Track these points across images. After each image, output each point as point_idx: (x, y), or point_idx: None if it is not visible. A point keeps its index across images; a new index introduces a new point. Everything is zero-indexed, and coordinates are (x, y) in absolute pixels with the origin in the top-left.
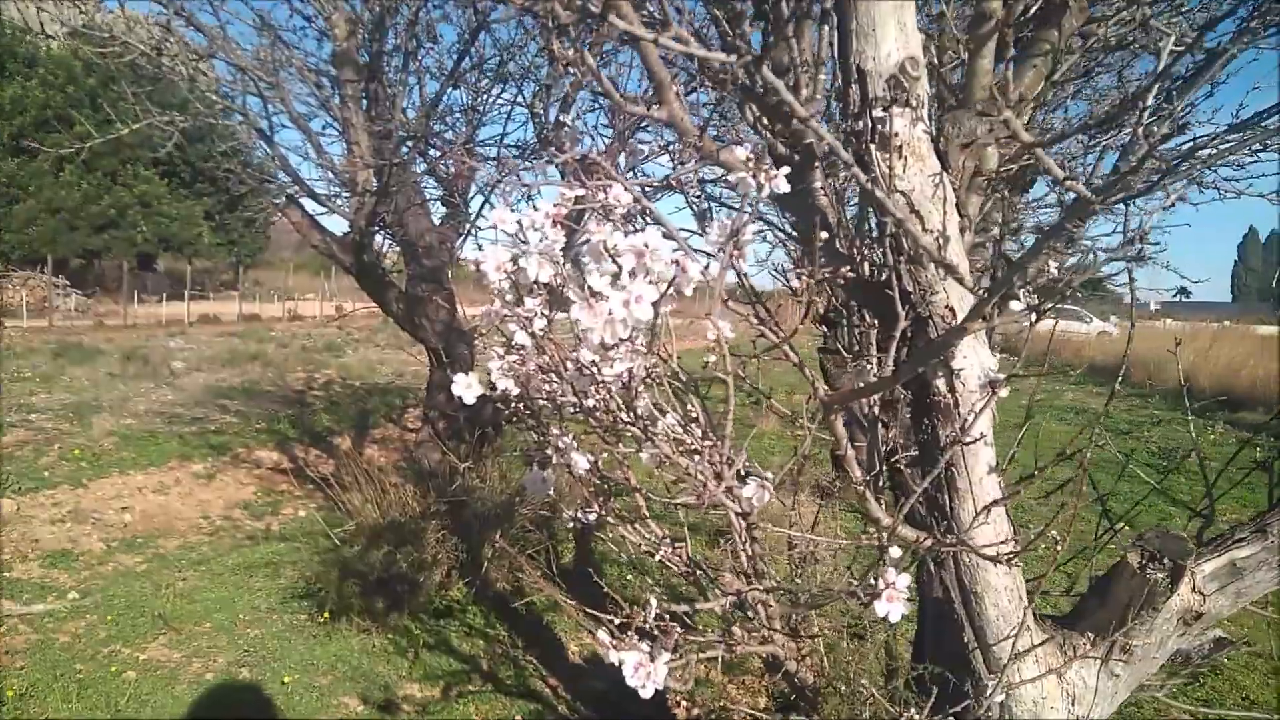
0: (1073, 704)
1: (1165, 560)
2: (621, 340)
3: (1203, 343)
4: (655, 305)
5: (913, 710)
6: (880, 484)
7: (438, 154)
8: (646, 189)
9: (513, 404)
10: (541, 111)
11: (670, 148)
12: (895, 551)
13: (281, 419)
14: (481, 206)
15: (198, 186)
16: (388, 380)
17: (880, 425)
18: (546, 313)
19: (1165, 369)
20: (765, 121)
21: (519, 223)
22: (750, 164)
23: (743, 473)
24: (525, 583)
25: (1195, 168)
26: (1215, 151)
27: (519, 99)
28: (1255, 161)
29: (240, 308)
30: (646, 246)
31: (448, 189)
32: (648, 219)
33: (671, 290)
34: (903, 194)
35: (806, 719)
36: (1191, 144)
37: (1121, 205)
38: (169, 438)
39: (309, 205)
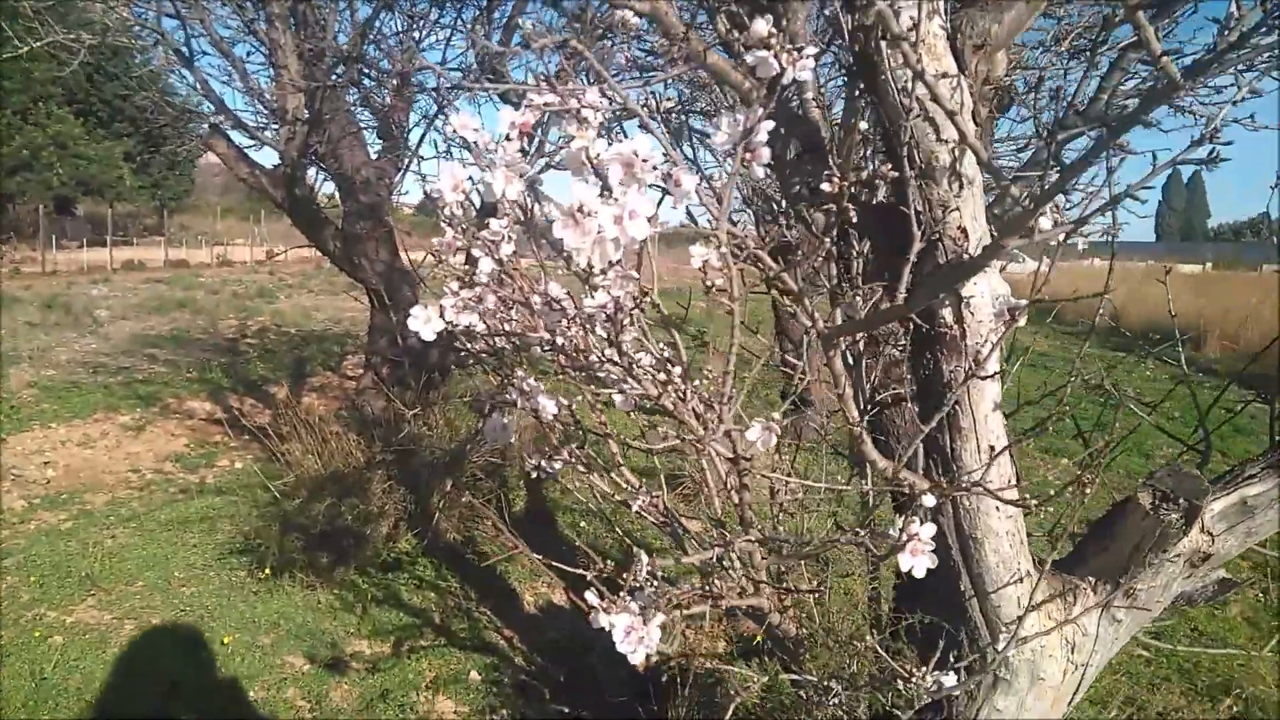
0: (1072, 651)
1: (1180, 500)
2: (611, 263)
3: (1133, 282)
4: (651, 222)
5: (909, 665)
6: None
7: (372, 82)
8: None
9: (474, 344)
10: (483, 37)
11: (646, 59)
12: (929, 500)
13: (214, 368)
14: (422, 139)
15: (116, 126)
16: (324, 326)
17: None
18: (514, 236)
19: (1093, 307)
20: (737, 33)
21: (476, 131)
22: (773, 40)
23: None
24: (477, 533)
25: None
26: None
27: (459, 24)
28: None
29: (166, 253)
30: (636, 155)
31: (384, 120)
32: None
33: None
34: (916, 98)
35: (790, 670)
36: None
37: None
38: (93, 389)
39: (237, 139)
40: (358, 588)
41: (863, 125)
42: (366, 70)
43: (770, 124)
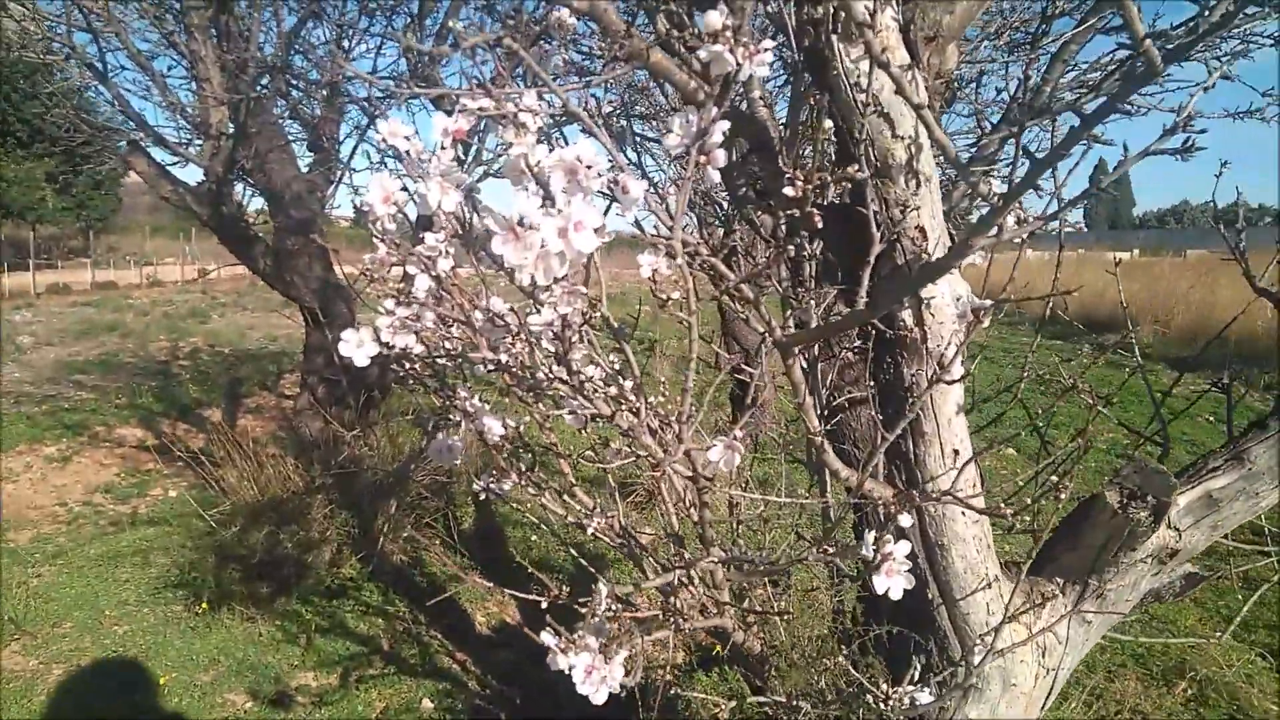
0: (1043, 655)
1: (1148, 497)
2: (556, 279)
3: (1067, 271)
4: (597, 233)
5: (881, 681)
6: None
7: (300, 93)
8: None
9: (411, 364)
10: (415, 44)
11: (584, 63)
12: (906, 520)
13: (144, 392)
14: (354, 151)
15: (37, 147)
16: (260, 345)
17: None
18: (451, 250)
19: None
20: (678, 32)
21: (408, 139)
22: (726, 35)
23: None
24: (425, 553)
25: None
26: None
27: (388, 30)
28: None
29: (93, 275)
30: (580, 161)
31: (314, 132)
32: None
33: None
34: (870, 93)
35: (755, 689)
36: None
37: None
38: (15, 419)
39: (160, 156)
40: (301, 617)
41: (827, 124)
42: (294, 81)
43: (725, 124)
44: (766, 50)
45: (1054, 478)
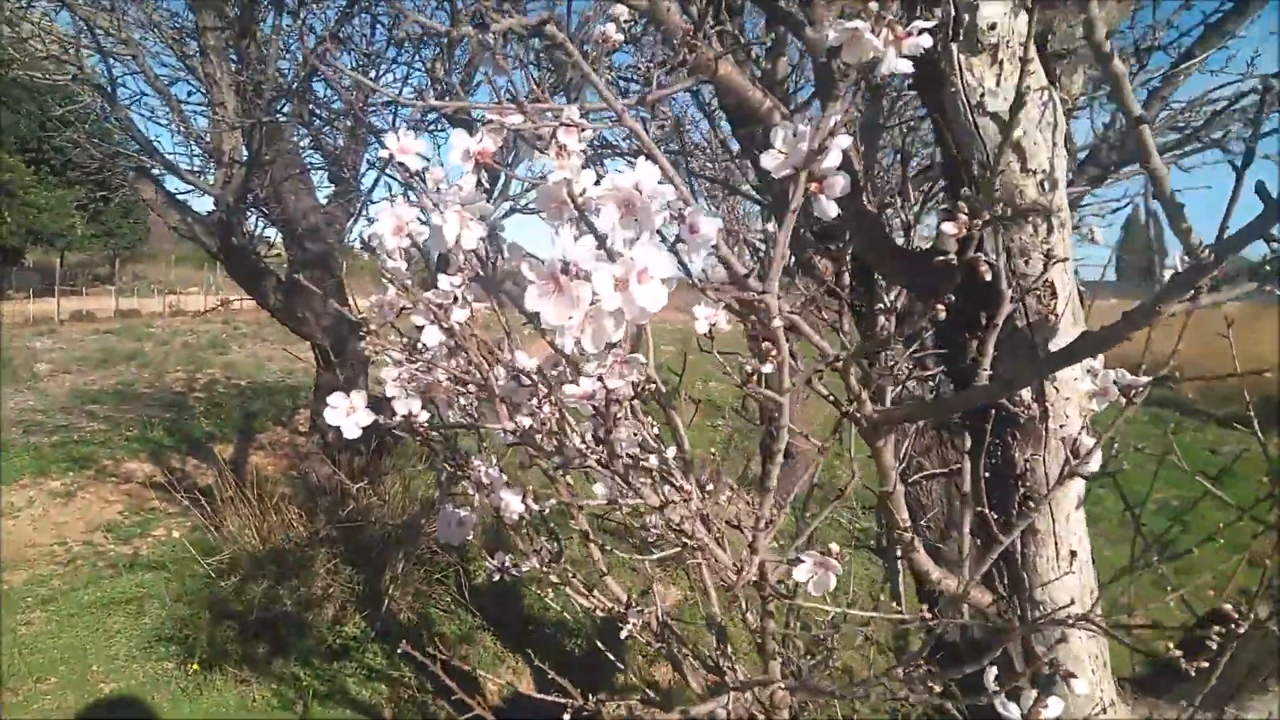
0: None
1: None
2: (609, 345)
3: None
4: (665, 285)
5: None
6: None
7: (322, 122)
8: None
9: (418, 430)
10: (443, 76)
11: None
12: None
13: (157, 425)
14: (375, 183)
15: (69, 175)
16: (277, 378)
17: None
18: (470, 297)
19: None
20: (738, 38)
21: (422, 159)
22: (870, 16)
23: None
24: (434, 611)
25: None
26: None
27: (417, 60)
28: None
29: (117, 303)
30: (639, 190)
31: (334, 162)
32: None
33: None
34: (996, 116)
35: None
36: None
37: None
38: (22, 450)
39: (173, 183)
40: (299, 682)
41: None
42: (316, 110)
43: (846, 141)
44: (923, 32)
45: (1233, 612)
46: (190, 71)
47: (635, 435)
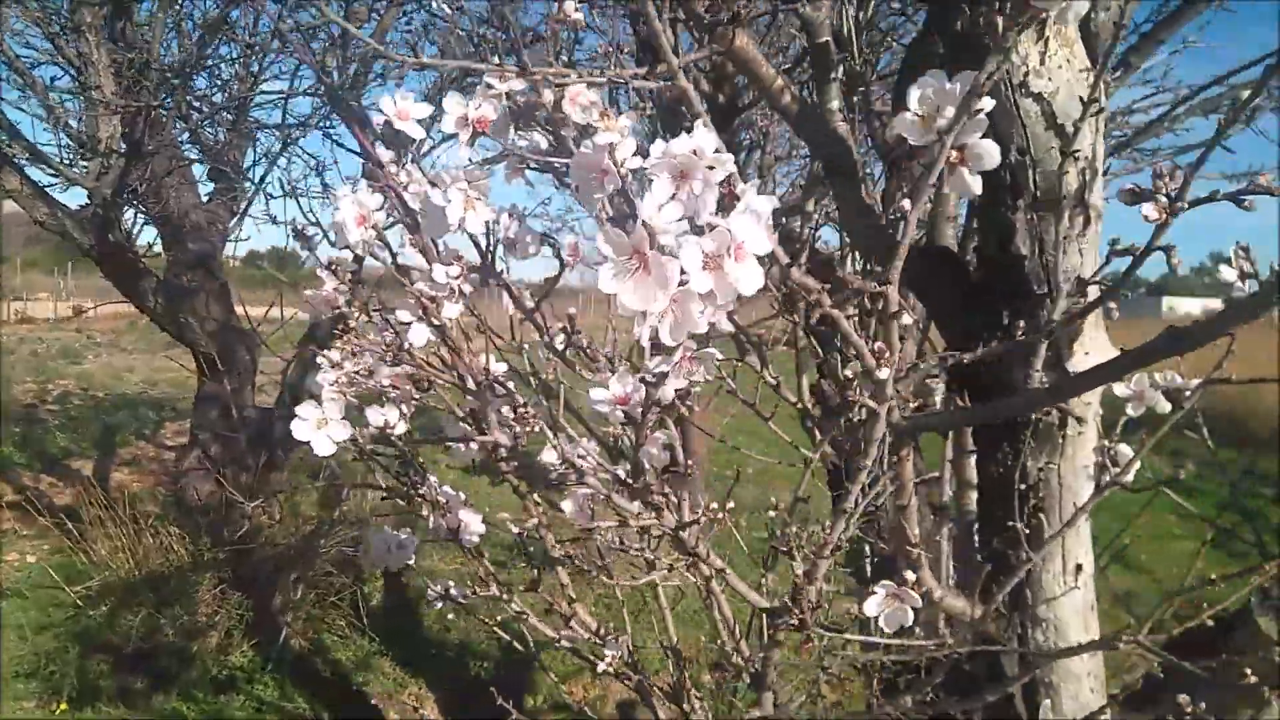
0: None
1: None
2: (692, 335)
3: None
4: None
5: None
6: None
7: (200, 114)
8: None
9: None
10: (334, 70)
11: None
12: None
13: (5, 439)
14: (264, 177)
15: None
16: (139, 390)
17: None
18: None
19: None
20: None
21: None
22: None
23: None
24: (328, 636)
25: None
26: None
27: (307, 55)
28: None
29: None
30: (698, 156)
31: (216, 158)
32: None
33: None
34: (1040, 97)
35: None
36: None
37: None
38: None
39: (38, 175)
40: (182, 717)
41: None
42: (196, 103)
43: (990, 102)
44: None
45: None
46: (57, 50)
47: (665, 449)
